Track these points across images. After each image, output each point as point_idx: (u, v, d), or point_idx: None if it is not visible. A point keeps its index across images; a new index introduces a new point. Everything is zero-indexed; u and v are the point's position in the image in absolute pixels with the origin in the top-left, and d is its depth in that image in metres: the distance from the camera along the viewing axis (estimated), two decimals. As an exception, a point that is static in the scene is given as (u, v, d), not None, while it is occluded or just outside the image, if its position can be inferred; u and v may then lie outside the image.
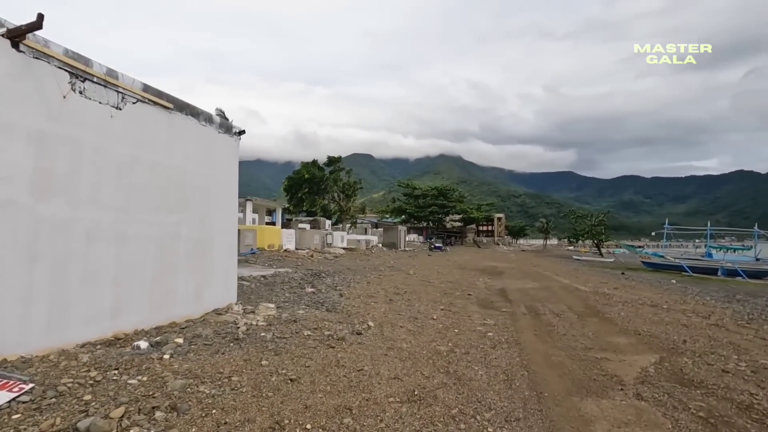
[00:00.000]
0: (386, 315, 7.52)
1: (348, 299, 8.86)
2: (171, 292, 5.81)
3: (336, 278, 12.08)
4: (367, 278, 12.77)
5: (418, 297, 9.91)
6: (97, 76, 4.70)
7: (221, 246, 7.00)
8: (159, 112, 5.66)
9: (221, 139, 7.03)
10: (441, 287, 12.12)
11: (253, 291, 8.92)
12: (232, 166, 7.35)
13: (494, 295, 11.17)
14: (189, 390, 3.56)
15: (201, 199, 6.50)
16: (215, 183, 6.88)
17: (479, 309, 8.92)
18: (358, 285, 11.13)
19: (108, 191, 4.88)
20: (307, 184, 36.68)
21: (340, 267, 15.68)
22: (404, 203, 61.78)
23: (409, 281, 12.97)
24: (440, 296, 10.35)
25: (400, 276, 14.32)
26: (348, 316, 7.13)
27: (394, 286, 11.41)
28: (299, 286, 10.26)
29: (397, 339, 5.88)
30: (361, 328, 6.30)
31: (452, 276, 15.88)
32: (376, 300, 9.00)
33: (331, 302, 8.29)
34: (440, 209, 58.68)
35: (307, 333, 5.75)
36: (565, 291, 12.67)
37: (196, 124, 6.38)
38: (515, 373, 4.71)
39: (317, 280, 11.30)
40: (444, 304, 9.23)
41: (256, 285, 9.77)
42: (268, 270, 12.46)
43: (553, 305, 9.72)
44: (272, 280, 10.79)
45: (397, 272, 15.73)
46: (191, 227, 6.24)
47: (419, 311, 8.13)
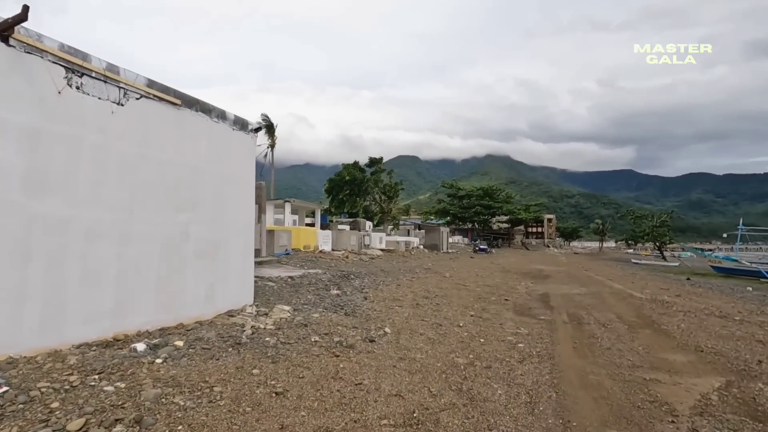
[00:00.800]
0: (408, 321, 7.01)
1: (371, 302, 8.44)
2: (179, 293, 5.67)
3: (365, 280, 11.70)
4: (398, 281, 12.29)
5: (448, 301, 9.29)
6: (96, 71, 4.61)
7: (236, 246, 6.82)
8: (166, 109, 5.54)
9: (236, 136, 6.87)
10: (476, 291, 11.38)
11: (275, 292, 8.73)
12: (248, 165, 7.17)
13: (534, 301, 10.29)
14: (162, 401, 3.27)
15: (213, 199, 6.35)
16: (230, 182, 6.71)
17: (514, 316, 8.16)
18: (386, 288, 10.68)
19: (110, 190, 4.78)
20: (348, 185, 36.81)
21: (373, 269, 15.31)
22: (448, 204, 60.58)
23: (442, 284, 12.33)
24: (473, 301, 9.65)
25: (434, 279, 13.70)
26: (365, 321, 6.70)
27: (424, 290, 10.84)
28: (325, 287, 9.98)
29: (412, 348, 5.36)
30: (376, 335, 5.84)
31: (491, 279, 15.01)
32: (401, 304, 8.51)
33: (353, 305, 7.90)
34: (486, 210, 56.91)
35: (315, 339, 5.38)
36: (617, 298, 11.47)
37: (207, 120, 6.23)
38: (541, 395, 4.04)
39: (345, 282, 10.98)
40: (475, 309, 8.55)
41: (280, 286, 9.60)
42: (298, 271, 12.33)
43: (600, 313, 8.73)
44: (299, 281, 10.60)
45: (433, 275, 15.11)
46: (202, 227, 6.09)
47: (446, 317, 7.53)
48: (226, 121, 6.63)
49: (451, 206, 59.41)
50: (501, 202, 58.71)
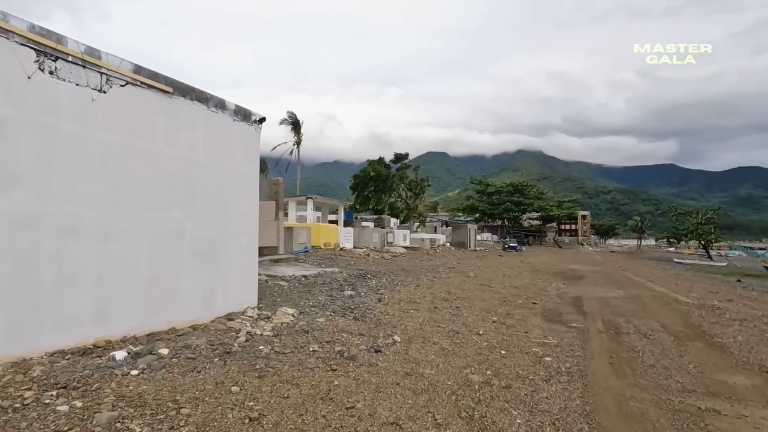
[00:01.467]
0: (422, 327, 6.39)
1: (385, 305, 7.87)
2: (172, 295, 5.28)
3: (383, 280, 11.14)
4: (418, 281, 11.66)
5: (470, 305, 8.59)
6: (73, 55, 4.24)
7: (238, 244, 6.40)
8: (156, 97, 5.15)
9: (238, 127, 6.44)
10: (502, 293, 10.60)
11: (284, 293, 8.30)
12: (251, 158, 6.73)
13: (566, 305, 9.43)
14: (116, 426, 2.82)
15: (212, 194, 5.94)
16: (231, 176, 6.29)
17: (542, 323, 7.39)
18: (404, 288, 10.08)
19: (90, 184, 4.42)
20: (372, 182, 36.33)
21: (393, 268, 14.73)
22: (477, 201, 59.14)
23: (465, 285, 11.60)
24: (497, 305, 8.91)
25: (457, 279, 12.98)
26: (375, 327, 6.14)
27: (445, 291, 10.17)
28: (339, 288, 9.49)
29: (421, 361, 4.76)
30: (383, 344, 5.27)
31: (520, 280, 14.12)
32: (417, 307, 7.89)
33: (364, 308, 7.36)
34: (516, 207, 55.18)
35: (314, 348, 4.86)
36: (660, 302, 10.41)
37: (204, 110, 5.82)
38: (570, 427, 3.36)
39: (360, 282, 10.46)
40: (499, 314, 7.83)
41: (292, 286, 9.19)
42: (314, 269, 11.92)
43: (641, 321, 7.81)
44: (313, 280, 10.16)
45: (457, 274, 14.38)
46: (199, 224, 5.69)
47: (465, 323, 6.87)
48: (226, 111, 6.21)
49: (480, 203, 57.97)
50: (532, 198, 56.76)
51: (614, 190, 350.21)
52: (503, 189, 56.66)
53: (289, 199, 22.75)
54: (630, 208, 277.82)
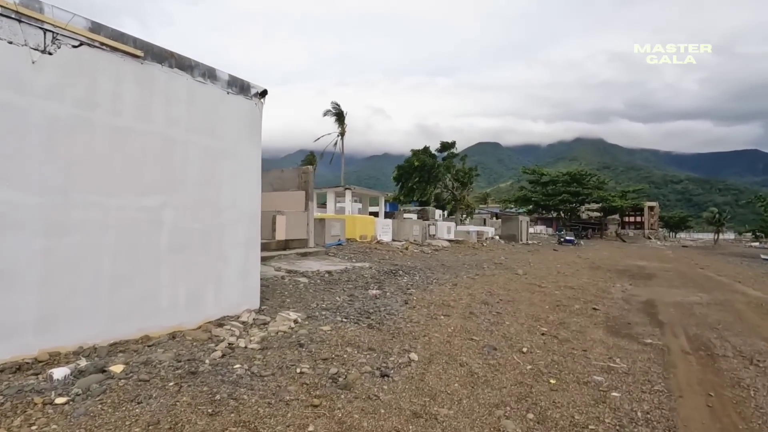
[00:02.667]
0: (450, 339, 5.19)
1: (411, 309, 6.73)
2: (146, 297, 4.49)
3: (416, 277, 9.98)
4: (456, 278, 10.38)
5: (513, 310, 7.23)
6: (4, 6, 3.46)
7: (235, 237, 5.54)
8: (122, 62, 4.32)
9: (233, 101, 5.54)
10: (555, 296, 9.07)
11: (299, 292, 7.40)
12: (251, 137, 5.82)
13: (635, 313, 7.77)
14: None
15: (199, 178, 5.09)
16: (224, 158, 5.42)
17: (605, 336, 5.91)
18: (438, 288, 8.86)
19: (29, 164, 3.66)
20: (417, 172, 35.00)
21: (432, 263, 13.49)
22: (530, 191, 55.77)
23: (511, 285, 10.15)
24: (548, 310, 7.47)
25: (503, 277, 11.51)
26: (390, 339, 5.04)
27: (487, 291, 8.82)
28: (364, 286, 8.47)
29: (440, 393, 3.60)
30: (394, 365, 4.16)
31: (577, 279, 12.35)
32: (449, 312, 6.68)
33: (385, 312, 6.27)
34: (573, 197, 51.31)
35: (303, 369, 3.85)
36: (759, 310, 8.39)
37: (187, 80, 4.95)
38: None
39: (390, 280, 9.37)
40: (550, 324, 6.43)
41: (312, 283, 8.29)
42: (342, 264, 11.01)
43: (741, 338, 6.08)
44: (337, 277, 9.22)
45: (503, 271, 12.87)
46: (182, 213, 4.86)
47: (505, 335, 5.58)
48: (217, 82, 5.31)
49: (534, 193, 54.57)
50: (591, 188, 52.47)
51: (686, 180, 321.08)
52: (559, 178, 52.87)
53: (328, 190, 22.18)
54: (704, 198, 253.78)
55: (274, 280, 7.97)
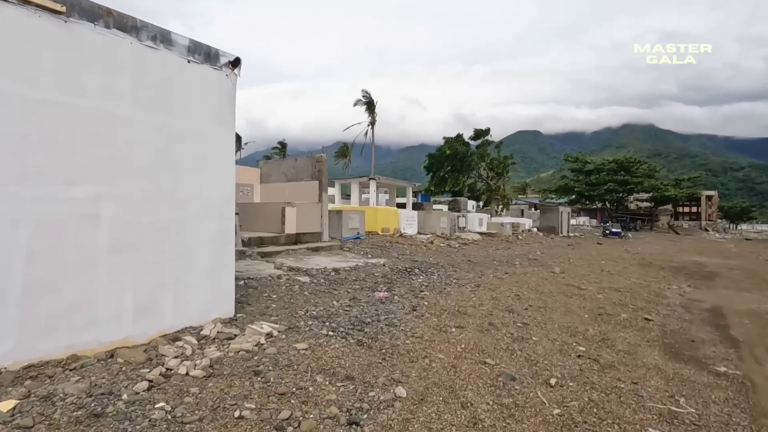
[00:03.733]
0: (456, 364, 4.11)
1: (419, 317, 5.67)
2: (76, 307, 3.70)
3: (434, 276, 8.87)
4: (481, 278, 9.17)
5: (545, 320, 6.01)
6: None
7: (200, 233, 4.68)
8: (36, 19, 3.49)
9: (196, 72, 4.64)
10: (597, 300, 7.70)
11: (291, 295, 6.50)
12: (221, 114, 4.92)
13: (699, 326, 6.33)
14: None
15: (151, 163, 4.25)
16: (186, 139, 4.55)
17: (663, 361, 4.62)
18: (457, 290, 7.72)
19: None
20: (449, 161, 33.44)
21: (457, 259, 12.30)
22: (572, 180, 52.59)
23: (545, 286, 8.82)
24: (588, 320, 6.18)
25: (536, 276, 10.16)
26: (380, 361, 4.02)
27: (515, 295, 7.59)
28: (372, 287, 7.49)
29: (421, 458, 2.55)
30: (375, 403, 3.15)
31: (624, 278, 10.78)
32: (464, 322, 5.56)
33: (385, 323, 5.25)
34: (620, 186, 47.84)
35: (243, 412, 2.91)
36: None
37: (133, 44, 4.09)
38: None
39: (403, 279, 8.32)
40: (589, 340, 5.18)
41: (313, 284, 7.40)
42: (355, 260, 10.07)
43: None
44: (345, 275, 8.29)
45: (537, 269, 11.49)
46: (127, 205, 4.04)
47: (529, 357, 4.42)
48: (173, 48, 4.42)
49: (576, 183, 51.40)
50: (641, 176, 48.70)
51: (748, 167, 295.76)
52: (605, 166, 49.43)
53: (352, 180, 21.27)
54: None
55: (268, 281, 7.14)
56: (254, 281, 6.87)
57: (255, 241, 10.01)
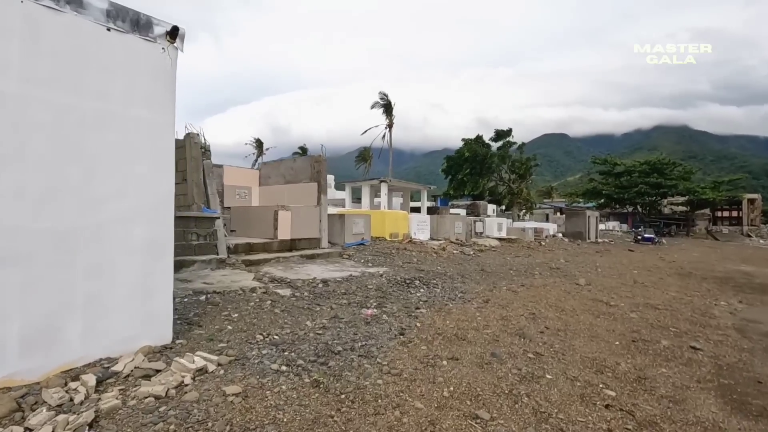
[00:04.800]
0: (437, 419, 3.04)
1: (404, 345, 4.61)
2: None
3: (437, 289, 7.77)
4: (492, 291, 8.01)
5: (564, 349, 4.84)
6: None
7: (125, 241, 3.79)
8: None
9: (119, 43, 3.77)
10: (630, 321, 6.44)
11: (259, 314, 5.52)
12: (155, 96, 4.03)
13: (763, 357, 5.02)
14: None
15: (52, 153, 3.38)
16: (103, 125, 3.68)
17: (723, 414, 3.41)
18: (461, 307, 6.60)
19: None
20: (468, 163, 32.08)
21: (469, 268, 11.12)
22: (601, 183, 50.05)
23: (568, 302, 7.59)
24: (620, 349, 4.97)
25: (558, 289, 8.91)
26: (333, 413, 3.00)
27: (529, 313, 6.42)
28: (361, 302, 6.47)
29: None
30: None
31: (661, 292, 9.38)
32: (460, 353, 4.47)
33: (359, 352, 4.23)
34: (653, 189, 45.15)
35: None
36: None
37: (23, 5, 3.24)
38: None
39: (400, 293, 7.26)
40: (621, 379, 4.01)
41: (291, 298, 6.45)
42: (352, 270, 9.07)
43: None
44: (334, 288, 7.30)
45: (560, 280, 10.20)
46: (15, 207, 3.18)
47: (537, 408, 3.30)
48: (85, 12, 3.56)
49: (605, 185, 48.86)
50: (676, 179, 45.85)
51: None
52: (636, 168, 46.81)
53: (363, 183, 20.31)
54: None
55: (237, 295, 6.20)
56: (220, 296, 5.97)
57: (243, 248, 9.17)
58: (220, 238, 8.39)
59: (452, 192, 33.68)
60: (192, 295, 5.72)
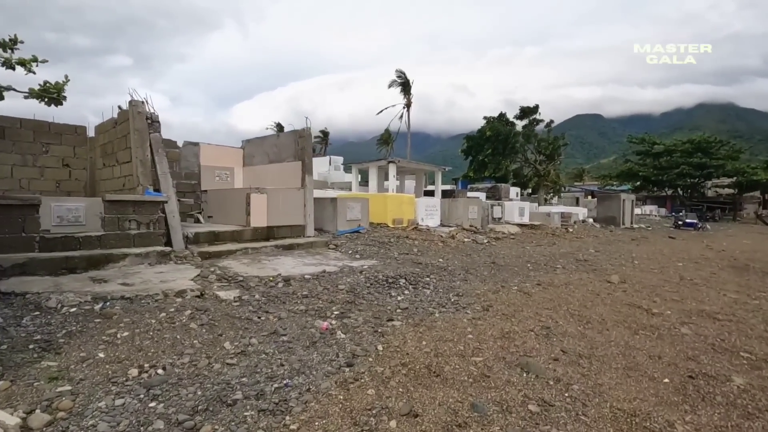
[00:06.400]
0: None
1: (343, 386, 3.14)
2: None
3: (426, 291, 6.21)
4: (498, 293, 6.39)
5: (586, 393, 3.25)
6: None
7: None
8: None
9: None
10: (681, 339, 4.72)
11: (165, 330, 4.12)
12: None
13: None
14: None
15: None
16: None
17: None
18: (450, 317, 5.03)
19: None
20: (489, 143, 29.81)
21: (477, 260, 9.48)
22: (637, 164, 46.44)
23: (595, 308, 5.89)
24: (672, 395, 3.33)
25: (584, 289, 7.18)
26: None
27: (542, 327, 4.81)
28: (323, 309, 5.02)
29: None
30: None
31: (717, 292, 7.50)
32: (423, 401, 2.96)
33: (271, 400, 2.81)
34: (696, 170, 41.42)
35: None
36: None
37: None
38: None
39: (375, 296, 5.74)
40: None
41: (236, 302, 5.07)
42: (332, 263, 7.64)
43: None
44: (296, 288, 5.89)
45: (587, 275, 8.45)
46: None
47: None
48: None
49: (642, 167, 45.28)
50: (723, 158, 41.87)
51: None
52: (677, 148, 43.03)
53: (370, 164, 18.74)
54: None
55: (151, 302, 4.79)
56: (126, 303, 4.63)
57: (206, 238, 7.88)
58: (173, 226, 7.11)
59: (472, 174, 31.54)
60: (88, 302, 4.42)
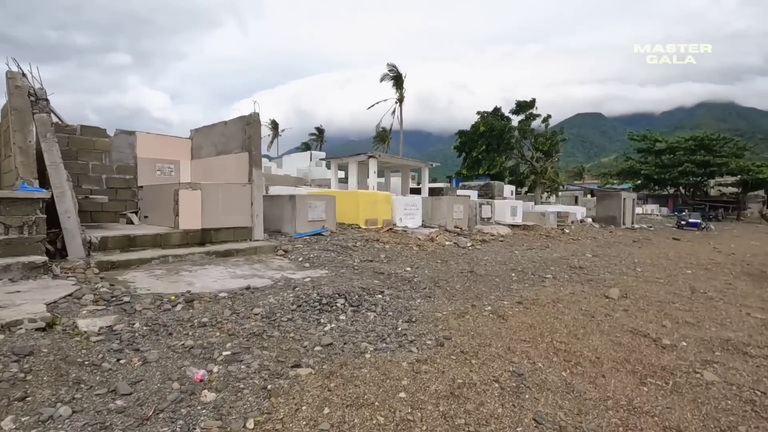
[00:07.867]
0: None
1: None
2: None
3: (370, 315, 4.83)
4: (465, 317, 5.00)
5: None
6: None
7: None
8: None
9: None
10: (706, 392, 3.35)
11: None
12: None
13: None
14: None
15: None
16: None
17: None
18: (388, 357, 3.66)
19: None
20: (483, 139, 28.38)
21: (452, 269, 8.08)
22: (639, 162, 45.03)
23: (589, 337, 4.51)
24: None
25: (576, 307, 5.79)
26: None
27: (513, 372, 3.44)
28: (212, 347, 3.65)
29: None
30: None
31: (738, 309, 6.11)
32: None
33: None
34: (699, 168, 40.01)
35: None
36: None
37: None
38: None
39: (296, 325, 4.35)
40: None
41: (104, 332, 3.70)
42: (268, 274, 6.25)
43: None
44: (195, 312, 4.50)
45: (581, 287, 7.07)
46: None
47: None
48: None
49: (644, 165, 43.87)
50: (727, 156, 40.46)
51: None
52: (680, 145, 41.61)
53: (350, 159, 17.29)
54: None
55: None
56: None
57: (117, 243, 6.51)
58: (69, 229, 5.75)
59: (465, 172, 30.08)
60: None
